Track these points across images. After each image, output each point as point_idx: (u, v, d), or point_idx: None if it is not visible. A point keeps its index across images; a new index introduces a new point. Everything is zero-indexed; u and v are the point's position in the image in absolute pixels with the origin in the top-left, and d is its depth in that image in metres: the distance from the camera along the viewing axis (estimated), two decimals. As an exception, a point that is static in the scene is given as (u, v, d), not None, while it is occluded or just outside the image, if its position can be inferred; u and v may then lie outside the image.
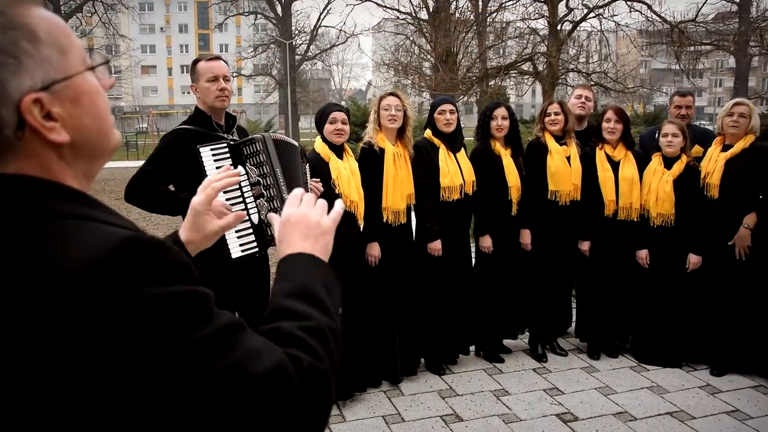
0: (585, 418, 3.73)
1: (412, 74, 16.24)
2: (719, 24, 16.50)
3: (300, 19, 38.69)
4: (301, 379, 0.82)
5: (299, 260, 1.03)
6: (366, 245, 3.98)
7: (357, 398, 3.94)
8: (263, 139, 3.10)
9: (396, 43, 20.38)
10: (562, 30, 13.35)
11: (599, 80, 14.20)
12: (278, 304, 0.95)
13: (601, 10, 13.44)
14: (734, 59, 26.44)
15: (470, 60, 16.38)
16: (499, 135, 4.33)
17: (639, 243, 4.44)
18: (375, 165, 3.95)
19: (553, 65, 12.87)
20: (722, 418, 3.75)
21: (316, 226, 1.08)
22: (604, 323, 4.54)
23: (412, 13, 18.59)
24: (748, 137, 4.22)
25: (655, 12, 13.43)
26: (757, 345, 4.20)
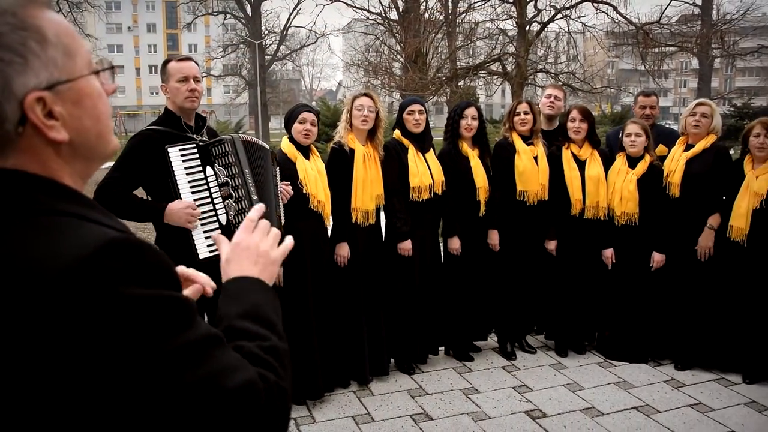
0: (553, 414, 3.78)
1: (382, 74, 16.26)
2: (683, 26, 16.85)
3: (270, 19, 38.41)
4: (268, 396, 0.86)
5: (250, 284, 1.07)
6: (335, 245, 3.98)
7: (326, 399, 3.93)
8: (232, 140, 3.08)
9: (366, 43, 20.37)
10: (530, 31, 13.49)
11: (567, 81, 14.38)
12: (234, 324, 0.98)
13: (568, 12, 13.62)
14: (697, 61, 26.96)
15: (440, 60, 16.45)
16: (468, 135, 4.36)
17: (604, 242, 4.50)
18: (345, 165, 3.95)
19: (522, 66, 13.00)
20: (686, 411, 3.83)
21: (265, 255, 1.12)
22: (571, 321, 4.61)
23: (382, 13, 18.64)
24: (710, 137, 4.31)
25: (620, 14, 13.65)
26: (718, 340, 4.29)
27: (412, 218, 4.14)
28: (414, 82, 13.57)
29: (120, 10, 60.47)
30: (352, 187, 3.94)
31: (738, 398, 4.00)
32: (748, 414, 3.80)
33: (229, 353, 0.85)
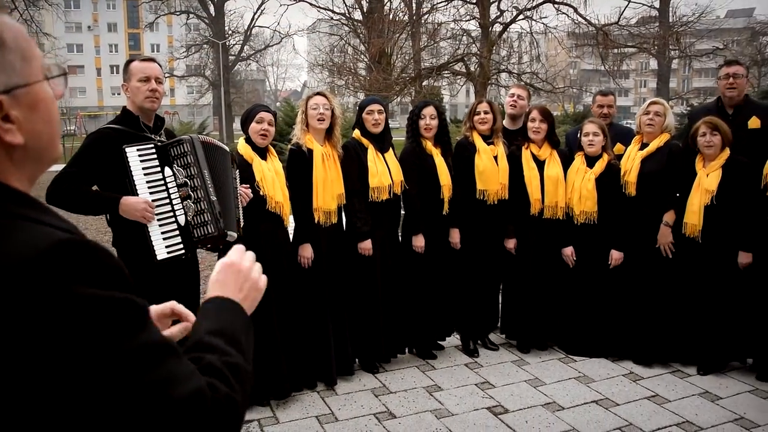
0: (515, 410, 3.83)
1: (347, 75, 16.24)
2: (641, 28, 17.19)
3: (233, 19, 38.13)
4: (215, 407, 0.86)
5: (229, 306, 1.09)
6: (296, 246, 3.97)
7: (290, 399, 3.92)
8: (191, 140, 3.06)
9: (331, 43, 20.33)
10: (492, 31, 13.63)
11: (530, 81, 14.57)
12: (203, 339, 0.99)
13: (529, 13, 13.80)
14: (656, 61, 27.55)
15: (404, 61, 16.51)
16: (428, 135, 4.39)
17: (564, 240, 4.58)
18: (304, 166, 3.94)
19: (485, 66, 13.12)
20: (643, 403, 3.93)
21: (254, 283, 1.15)
22: (532, 318, 4.67)
23: (346, 13, 18.61)
24: (663, 136, 4.42)
25: (580, 15, 13.88)
26: (674, 334, 4.40)
27: (371, 218, 4.15)
28: (378, 83, 13.59)
29: (79, 8, 59.14)
30: (312, 188, 3.93)
31: (693, 389, 4.11)
32: (701, 404, 3.91)
33: (182, 362, 0.85)
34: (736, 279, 4.20)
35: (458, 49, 14.54)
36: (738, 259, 4.18)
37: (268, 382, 3.78)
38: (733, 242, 4.17)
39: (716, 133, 4.14)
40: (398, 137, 4.74)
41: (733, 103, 4.54)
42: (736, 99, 4.53)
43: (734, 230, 4.15)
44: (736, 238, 4.16)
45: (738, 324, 4.23)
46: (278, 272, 3.80)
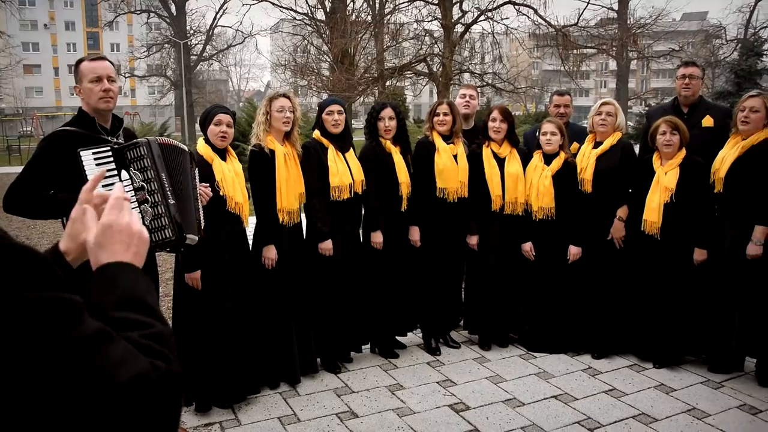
0: (476, 406, 3.87)
1: (309, 75, 16.18)
2: (600, 29, 17.49)
3: (195, 19, 37.81)
4: (161, 385, 0.86)
5: (124, 270, 1.02)
6: (257, 247, 3.95)
7: (252, 401, 3.90)
8: (148, 143, 3.01)
9: (294, 43, 20.24)
10: (454, 32, 13.73)
11: (491, 81, 14.72)
12: (114, 315, 0.94)
13: (491, 14, 13.94)
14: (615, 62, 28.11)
15: (367, 61, 16.52)
16: (387, 136, 4.41)
17: (524, 236, 4.65)
18: (266, 167, 3.92)
19: (447, 66, 13.21)
20: (601, 397, 4.01)
21: (139, 235, 1.06)
22: (493, 315, 4.72)
23: (309, 13, 18.55)
24: (616, 134, 4.54)
25: (540, 16, 14.08)
26: (632, 328, 4.50)
27: (332, 218, 4.16)
28: (341, 83, 13.58)
29: (35, 5, 57.73)
30: (275, 189, 3.92)
31: (649, 382, 4.21)
32: (657, 396, 4.01)
33: (119, 346, 0.84)
34: (692, 276, 4.31)
35: (420, 49, 14.62)
36: (693, 255, 4.29)
37: (226, 385, 3.75)
38: (689, 239, 4.28)
39: (676, 133, 4.25)
40: (361, 137, 4.76)
41: (688, 102, 4.67)
42: (691, 98, 4.66)
43: (691, 228, 4.26)
44: (693, 235, 4.27)
45: (693, 319, 4.34)
46: (238, 273, 3.78)
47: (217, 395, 3.77)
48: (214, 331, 3.69)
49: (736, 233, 4.11)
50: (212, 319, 3.68)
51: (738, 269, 4.12)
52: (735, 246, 4.11)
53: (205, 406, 3.76)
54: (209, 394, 3.76)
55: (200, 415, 3.74)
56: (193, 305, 3.67)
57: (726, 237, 4.16)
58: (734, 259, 4.12)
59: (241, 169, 3.84)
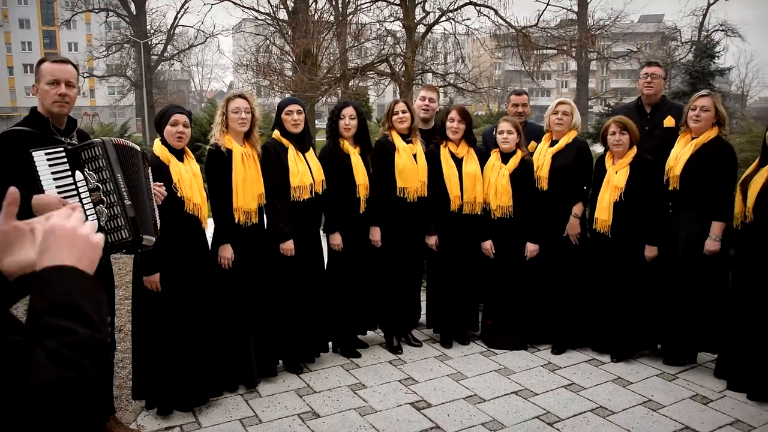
0: (437, 404, 3.90)
1: (272, 75, 16.06)
2: (561, 30, 17.76)
3: (155, 18, 37.19)
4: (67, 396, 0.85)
5: (61, 274, 0.99)
6: (215, 248, 3.91)
7: (213, 403, 3.86)
8: (102, 143, 2.96)
9: (256, 43, 20.07)
10: (417, 32, 13.79)
11: (454, 81, 14.83)
12: (39, 321, 0.93)
13: (452, 14, 14.04)
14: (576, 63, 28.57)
15: (330, 61, 16.48)
16: (347, 134, 4.41)
17: (483, 235, 4.70)
18: (223, 167, 3.89)
19: (409, 66, 13.26)
20: (560, 391, 4.08)
21: (85, 238, 1.04)
22: (453, 313, 4.76)
23: (271, 13, 18.42)
24: (571, 133, 4.63)
25: (501, 17, 14.24)
26: (589, 324, 4.59)
27: (293, 218, 4.14)
28: (303, 83, 13.53)
29: (-14, 3, 56.08)
30: (232, 188, 3.89)
31: (606, 376, 4.30)
32: (614, 389, 4.09)
33: (29, 356, 0.83)
34: (644, 271, 4.41)
35: (383, 49, 14.65)
36: (644, 252, 4.39)
37: (187, 388, 3.71)
38: (639, 236, 4.38)
39: (625, 132, 4.34)
40: (325, 137, 4.79)
41: (651, 102, 4.79)
42: (654, 98, 4.78)
43: (640, 225, 4.35)
44: (643, 232, 4.37)
45: (647, 313, 4.44)
46: (198, 274, 3.74)
47: (178, 398, 3.73)
48: (174, 333, 3.64)
49: (693, 229, 4.22)
50: (172, 321, 3.64)
51: (695, 264, 4.23)
52: (691, 241, 4.22)
53: (166, 409, 3.72)
54: (170, 398, 3.72)
55: (161, 419, 3.69)
56: (153, 308, 3.62)
57: (682, 233, 4.26)
58: (691, 254, 4.23)
59: (198, 170, 3.80)
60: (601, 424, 3.65)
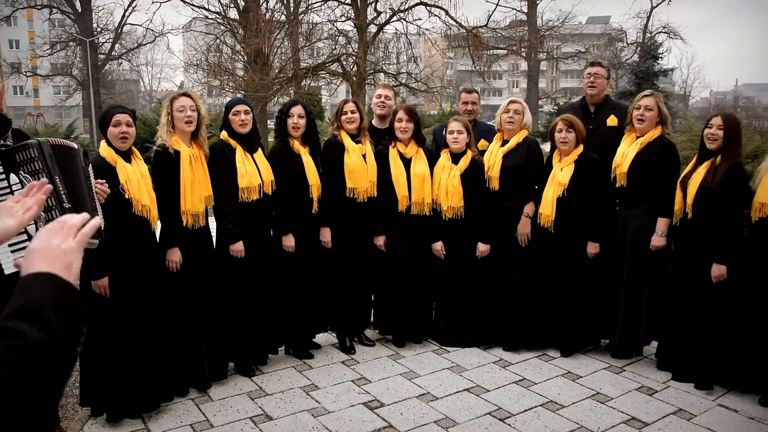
0: (390, 403, 3.90)
1: (222, 75, 15.84)
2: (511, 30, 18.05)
3: (102, 16, 36.12)
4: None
5: (30, 280, 1.03)
6: (164, 251, 3.83)
7: (163, 409, 3.79)
8: (39, 144, 2.86)
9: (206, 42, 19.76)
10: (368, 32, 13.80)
11: (406, 81, 14.90)
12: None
13: (403, 14, 14.09)
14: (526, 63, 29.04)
15: (282, 60, 16.36)
16: (295, 134, 4.38)
17: (434, 236, 4.72)
18: (171, 168, 3.81)
19: (360, 66, 13.26)
20: (511, 387, 4.13)
21: (56, 247, 1.09)
22: (403, 314, 4.77)
23: (222, 12, 18.17)
24: (522, 132, 4.68)
25: (451, 17, 14.36)
26: (539, 320, 4.66)
27: (242, 219, 4.09)
28: (254, 83, 13.39)
29: None
30: (180, 190, 3.81)
31: (556, 371, 4.38)
32: (563, 384, 4.18)
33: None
34: (587, 267, 4.50)
35: (335, 49, 14.60)
36: (587, 249, 4.48)
37: (138, 394, 3.63)
38: (582, 233, 4.47)
39: (571, 131, 4.42)
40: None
41: (594, 101, 4.90)
42: (597, 97, 4.88)
43: (583, 222, 4.45)
44: (585, 229, 4.46)
45: (593, 308, 4.54)
46: (146, 278, 3.66)
47: (128, 405, 3.64)
48: (124, 338, 3.56)
49: (639, 225, 4.33)
50: (122, 326, 3.55)
51: (641, 259, 4.34)
52: (638, 237, 4.33)
53: (116, 416, 3.63)
54: (120, 404, 3.63)
55: (110, 427, 3.61)
56: (101, 313, 3.53)
57: (629, 229, 4.37)
58: (637, 249, 4.34)
59: (147, 171, 3.71)
60: (551, 418, 3.71)
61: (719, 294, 3.96)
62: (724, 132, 3.98)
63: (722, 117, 4.06)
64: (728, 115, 4.15)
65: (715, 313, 3.99)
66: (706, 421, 3.67)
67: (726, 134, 3.97)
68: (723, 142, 3.98)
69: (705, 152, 4.10)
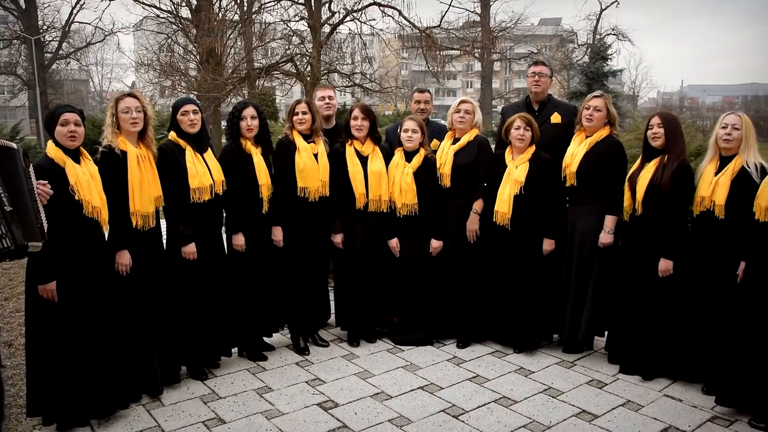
0: (345, 403, 3.90)
1: (175, 75, 15.54)
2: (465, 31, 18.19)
3: (48, 13, 35.05)
4: None
5: None
6: (113, 254, 3.74)
7: (114, 416, 3.69)
8: None
9: (158, 42, 19.36)
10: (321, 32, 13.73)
11: (360, 81, 14.87)
12: None
13: (357, 14, 14.06)
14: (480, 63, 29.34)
15: (236, 60, 16.14)
16: (249, 135, 4.34)
17: (389, 233, 4.74)
18: (118, 169, 3.72)
19: (314, 66, 13.19)
20: (465, 384, 4.17)
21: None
22: (360, 312, 4.77)
23: (173, 11, 17.82)
24: (473, 131, 4.75)
25: (405, 17, 14.40)
26: (492, 316, 4.72)
27: (194, 220, 4.03)
28: (207, 83, 13.19)
29: None
30: (128, 192, 3.73)
31: (509, 367, 4.44)
32: (516, 379, 4.23)
33: None
34: (542, 264, 4.58)
35: (288, 49, 14.48)
36: (543, 246, 4.56)
37: (89, 401, 3.53)
38: (538, 230, 4.55)
39: (529, 129, 4.50)
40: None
41: (538, 99, 4.99)
42: (541, 96, 4.98)
43: (539, 219, 4.52)
44: (541, 226, 4.54)
45: (546, 304, 4.62)
46: (96, 281, 3.56)
47: (79, 412, 3.54)
48: (73, 344, 3.46)
49: (588, 223, 4.43)
50: (71, 331, 3.45)
51: (589, 256, 4.43)
52: (586, 235, 4.43)
53: (66, 424, 3.53)
54: (71, 412, 3.52)
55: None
56: (50, 318, 3.42)
57: (578, 227, 4.46)
58: (586, 246, 4.43)
59: (97, 171, 3.61)
60: (504, 413, 3.76)
61: (664, 288, 4.08)
62: (664, 130, 4.10)
63: (660, 116, 4.21)
64: (665, 114, 4.31)
65: (660, 307, 4.10)
66: (653, 411, 3.78)
67: (666, 132, 4.10)
68: (665, 139, 4.10)
69: (650, 151, 4.22)
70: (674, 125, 4.14)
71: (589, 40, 32.38)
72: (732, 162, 3.86)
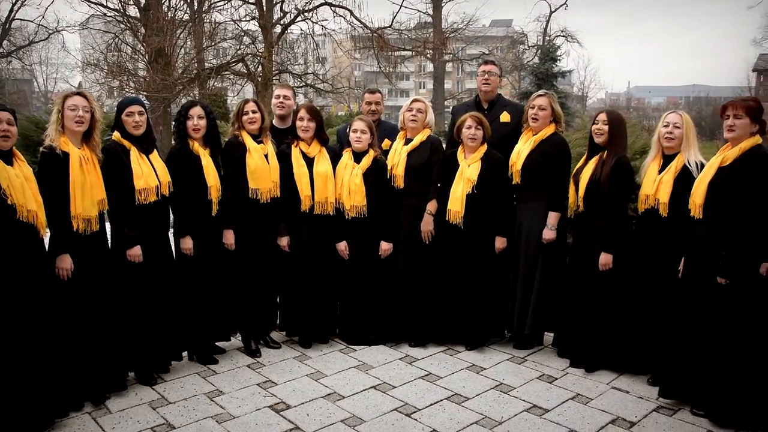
0: (296, 404, 3.87)
1: (122, 75, 15.20)
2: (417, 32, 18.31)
3: (-13, 11, 33.78)
4: None
5: None
6: (53, 258, 3.63)
7: (58, 425, 3.58)
8: None
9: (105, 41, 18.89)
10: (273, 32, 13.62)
11: (312, 82, 14.83)
12: None
13: (308, 14, 14.01)
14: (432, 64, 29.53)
15: (186, 60, 15.89)
16: (196, 135, 4.27)
17: (337, 235, 4.71)
18: (59, 171, 3.61)
19: (265, 66, 13.08)
20: (417, 382, 4.20)
21: None
22: (308, 314, 4.73)
23: (121, 9, 17.42)
24: (425, 131, 4.77)
25: (356, 18, 14.43)
26: (444, 314, 4.75)
27: (139, 222, 3.94)
28: (156, 83, 12.94)
29: None
30: (69, 194, 3.62)
31: (461, 364, 4.49)
32: (468, 377, 4.28)
33: None
34: (494, 261, 4.64)
35: (239, 49, 14.32)
36: (495, 244, 4.61)
37: (29, 411, 3.41)
38: (490, 228, 4.60)
39: (480, 128, 4.55)
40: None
41: (488, 98, 5.05)
42: (491, 94, 5.04)
43: (491, 217, 4.57)
44: (493, 224, 4.59)
45: (496, 301, 4.68)
46: (32, 287, 3.44)
47: (18, 424, 3.41)
48: (9, 352, 3.33)
49: (533, 220, 4.51)
50: (7, 339, 3.33)
51: (535, 252, 4.50)
52: (532, 232, 4.50)
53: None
54: (9, 424, 3.39)
55: (-5, 448, 3.38)
56: None
57: (524, 224, 4.53)
58: (531, 243, 4.50)
59: (32, 174, 3.49)
60: (457, 410, 3.80)
61: (608, 283, 4.18)
62: (608, 127, 4.21)
63: (606, 113, 4.32)
64: (612, 112, 4.42)
65: (603, 302, 4.20)
66: (602, 403, 3.87)
67: (610, 129, 4.21)
68: (608, 136, 4.21)
69: (594, 147, 4.32)
70: (618, 123, 4.25)
71: (539, 41, 32.93)
72: (674, 161, 3.98)
